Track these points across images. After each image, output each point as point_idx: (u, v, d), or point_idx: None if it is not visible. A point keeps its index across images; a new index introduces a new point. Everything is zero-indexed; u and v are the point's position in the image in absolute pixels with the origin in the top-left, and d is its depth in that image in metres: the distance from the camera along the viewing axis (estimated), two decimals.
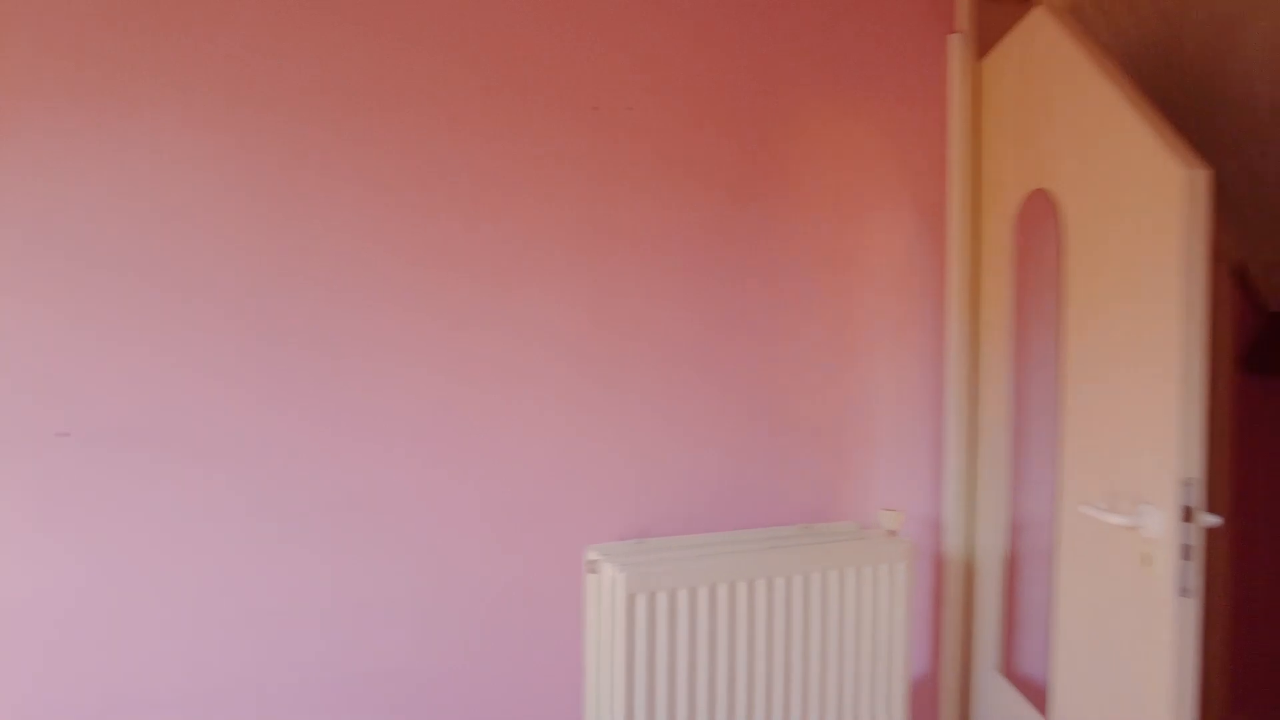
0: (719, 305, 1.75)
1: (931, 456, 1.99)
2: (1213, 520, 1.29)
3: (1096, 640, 1.48)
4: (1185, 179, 1.26)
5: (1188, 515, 1.26)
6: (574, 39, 1.61)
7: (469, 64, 1.53)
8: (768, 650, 1.62)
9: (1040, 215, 1.76)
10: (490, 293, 1.55)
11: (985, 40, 2.11)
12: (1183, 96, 2.15)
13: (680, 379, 1.72)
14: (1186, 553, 1.26)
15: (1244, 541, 2.40)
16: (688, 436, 1.73)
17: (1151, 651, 1.32)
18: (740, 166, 1.76)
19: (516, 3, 1.56)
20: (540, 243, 1.59)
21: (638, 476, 1.69)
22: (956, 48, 1.99)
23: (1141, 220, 1.36)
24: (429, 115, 1.50)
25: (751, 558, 1.59)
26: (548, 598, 1.64)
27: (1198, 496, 1.27)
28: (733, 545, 1.69)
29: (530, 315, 1.58)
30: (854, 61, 1.88)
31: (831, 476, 1.88)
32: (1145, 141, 1.36)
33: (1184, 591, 1.27)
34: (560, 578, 1.65)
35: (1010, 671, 1.88)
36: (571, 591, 1.66)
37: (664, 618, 1.52)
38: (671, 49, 1.69)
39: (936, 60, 1.99)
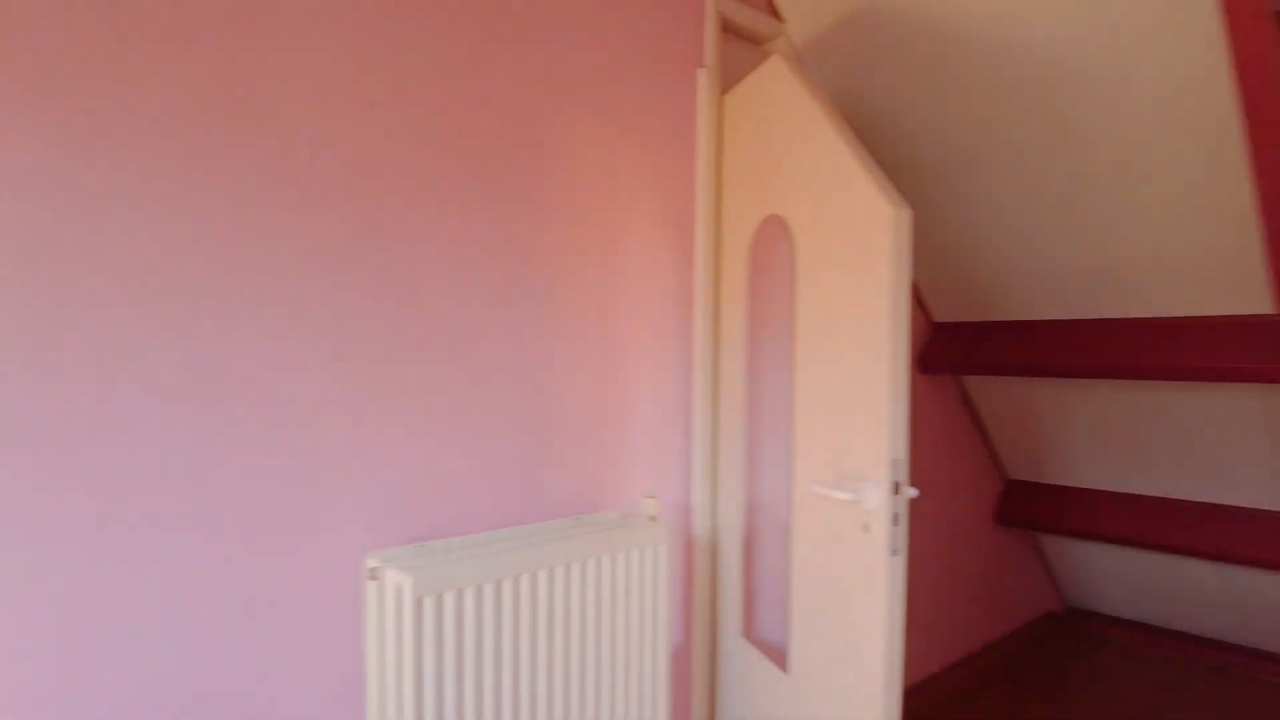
0: (490, 311, 1.80)
1: (683, 448, 2.20)
2: (913, 492, 1.61)
3: (826, 599, 1.76)
4: (894, 216, 1.56)
5: (896, 489, 1.56)
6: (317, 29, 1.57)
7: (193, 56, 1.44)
8: (549, 638, 1.71)
9: (776, 237, 2.04)
10: (254, 290, 1.47)
11: (729, 75, 2.38)
12: (868, 148, 2.59)
13: (453, 384, 1.74)
14: (896, 520, 1.56)
15: (916, 508, 2.94)
16: (462, 440, 1.76)
17: (870, 602, 1.61)
18: (504, 178, 1.82)
19: None
20: (302, 242, 1.53)
21: (413, 482, 1.69)
22: (703, 81, 2.22)
23: (860, 247, 1.65)
24: (145, 109, 1.39)
25: (530, 552, 1.67)
26: (323, 609, 1.59)
27: (903, 473, 1.58)
28: (511, 542, 1.75)
29: (297, 316, 1.52)
30: (615, 84, 2.03)
31: (598, 471, 2.01)
32: (863, 183, 1.65)
33: (894, 551, 1.56)
34: (336, 588, 1.60)
35: (753, 636, 2.14)
36: (349, 601, 1.62)
37: (451, 618, 1.55)
38: (435, 54, 1.72)
39: (688, 91, 2.21)
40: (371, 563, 1.59)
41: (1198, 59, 1.88)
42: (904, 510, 1.58)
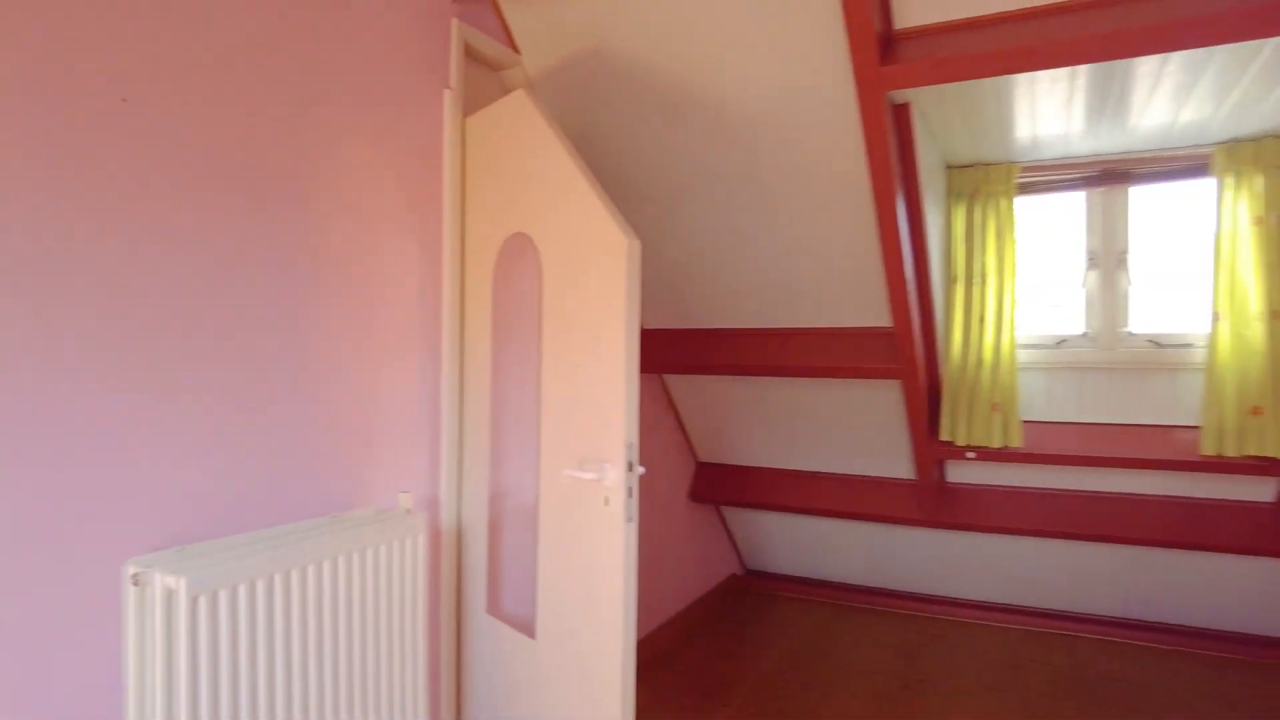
0: (247, 316, 1.84)
1: (434, 446, 2.37)
2: (642, 469, 1.95)
3: (571, 567, 2.05)
4: (628, 246, 1.89)
5: (630, 467, 1.90)
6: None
7: None
8: (318, 629, 1.79)
9: (524, 250, 2.28)
10: None
11: (470, 98, 2.57)
12: (595, 171, 2.94)
13: (207, 387, 1.76)
14: (630, 492, 1.89)
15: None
16: (218, 443, 1.77)
17: (609, 564, 1.93)
18: (260, 183, 1.87)
19: None
20: (47, 242, 1.49)
21: (168, 487, 1.68)
22: (449, 102, 2.40)
23: (599, 267, 1.96)
24: None
25: (294, 549, 1.73)
26: (81, 622, 1.53)
27: (635, 454, 1.91)
28: (272, 541, 1.79)
29: (44, 321, 1.47)
30: (369, 99, 2.14)
31: (355, 469, 2.11)
32: (601, 215, 1.96)
33: (629, 518, 1.89)
34: (94, 599, 1.56)
35: (498, 612, 2.37)
36: (109, 611, 1.58)
37: (226, 616, 1.59)
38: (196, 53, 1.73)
39: (436, 110, 2.38)
40: (132, 569, 1.57)
41: (848, 132, 2.47)
42: (635, 484, 1.91)
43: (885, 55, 2.20)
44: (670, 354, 3.48)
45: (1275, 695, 3.04)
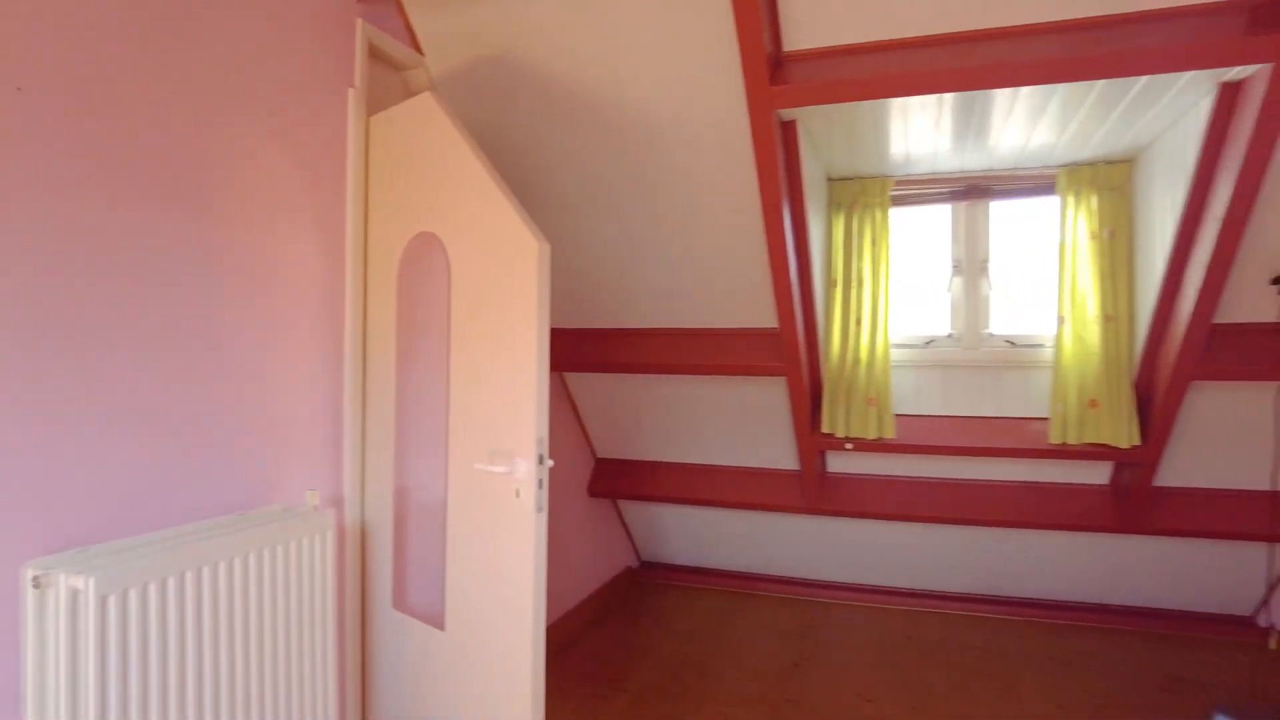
0: (152, 313, 1.82)
1: (341, 444, 2.38)
2: (551, 462, 2.05)
3: (481, 558, 2.12)
4: (539, 249, 1.98)
5: (541, 460, 1.99)
6: None
7: None
8: (229, 629, 1.80)
9: (430, 249, 2.33)
10: None
11: (373, 97, 2.59)
12: (502, 174, 3.00)
13: (108, 386, 1.74)
14: (541, 484, 1.98)
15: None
16: (121, 441, 1.74)
17: (520, 554, 2.01)
18: (165, 180, 1.86)
19: None
20: None
21: (70, 487, 1.65)
22: (353, 101, 2.42)
23: (509, 269, 2.04)
24: None
25: (202, 546, 1.73)
26: None
27: (545, 448, 2.00)
28: (179, 540, 1.78)
29: None
30: (273, 95, 2.14)
31: (261, 468, 2.11)
32: (512, 218, 2.04)
33: (540, 509, 1.98)
34: None
35: (405, 606, 2.40)
36: (7, 614, 1.54)
37: (136, 615, 1.58)
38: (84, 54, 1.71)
39: (340, 109, 2.39)
40: (32, 571, 1.54)
41: (739, 145, 2.64)
42: (546, 476, 2.01)
43: (775, 76, 2.37)
44: (571, 353, 3.58)
45: (1107, 653, 3.43)
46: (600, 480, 4.14)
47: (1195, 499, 3.29)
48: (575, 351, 3.57)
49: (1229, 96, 2.34)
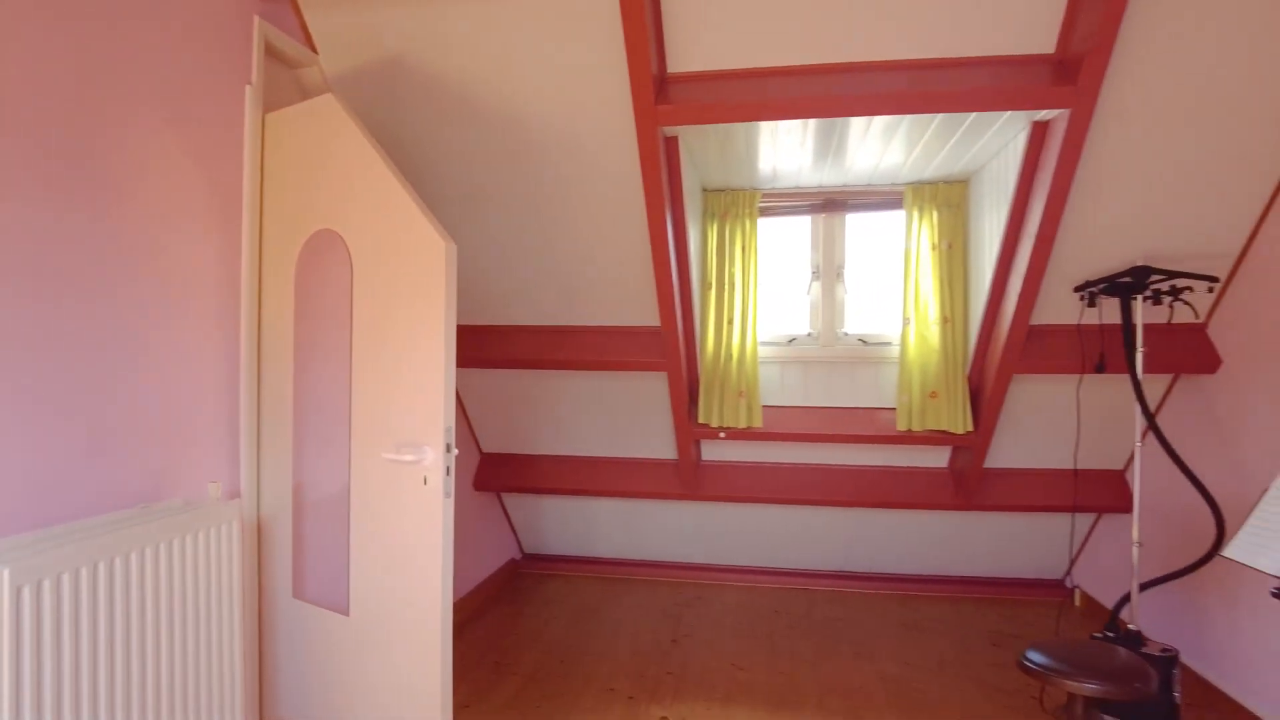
0: (49, 304, 1.82)
1: (240, 438, 2.40)
2: (456, 451, 2.17)
3: (388, 544, 2.22)
4: (445, 248, 2.11)
5: (449, 448, 2.11)
6: None
7: None
8: (140, 620, 1.83)
9: (331, 246, 2.39)
10: None
11: (267, 94, 2.62)
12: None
13: (10, 380, 1.74)
14: (448, 471, 2.11)
15: None
16: (19, 436, 1.74)
17: (429, 539, 2.13)
18: (60, 174, 1.87)
19: None
20: None
21: None
22: (250, 97, 2.45)
23: (417, 266, 2.15)
24: None
25: (108, 538, 1.75)
26: None
27: (452, 437, 2.13)
28: (84, 533, 1.79)
29: None
30: (170, 90, 2.16)
31: (162, 460, 2.12)
32: (418, 218, 2.15)
33: (447, 494, 2.11)
34: None
35: (306, 594, 2.45)
36: None
37: (50, 606, 1.60)
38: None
39: (237, 105, 2.41)
40: None
41: (626, 157, 2.84)
42: (452, 464, 2.13)
43: (660, 96, 2.59)
44: (461, 349, 3.68)
45: (946, 618, 3.88)
46: (486, 474, 4.25)
47: (1017, 478, 3.79)
48: (463, 348, 3.67)
49: (1040, 133, 2.75)
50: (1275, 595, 2.08)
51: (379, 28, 2.66)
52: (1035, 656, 2.23)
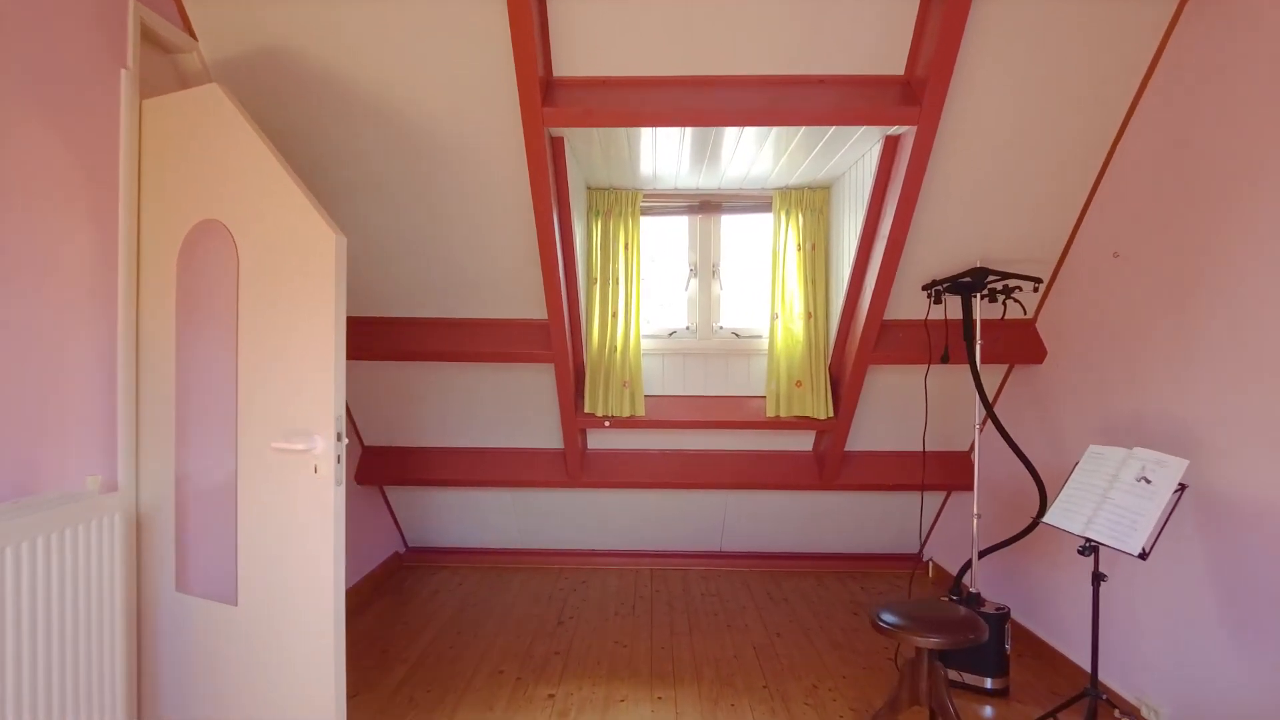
0: None
1: (119, 429, 2.36)
2: (346, 440, 2.23)
3: (279, 533, 2.25)
4: (335, 241, 2.16)
5: (340, 437, 2.17)
6: None
7: None
8: (15, 615, 1.81)
9: (216, 235, 2.39)
10: None
11: (145, 80, 2.57)
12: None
13: None
14: (339, 459, 2.17)
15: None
16: None
17: (320, 526, 2.18)
18: None
19: None
20: None
21: None
22: (126, 82, 2.40)
23: (307, 259, 2.19)
24: None
25: None
26: None
27: (343, 426, 2.19)
28: None
29: None
30: (41, 72, 2.11)
31: (36, 453, 2.08)
32: (307, 210, 2.19)
33: (338, 482, 2.17)
34: None
35: (190, 587, 2.44)
36: None
37: None
38: None
39: (113, 90, 2.37)
40: None
41: (514, 156, 2.95)
42: (343, 452, 2.19)
43: (546, 98, 2.71)
44: (347, 341, 3.67)
45: (810, 590, 4.20)
46: (368, 468, 4.24)
47: (874, 460, 4.14)
48: (349, 340, 3.67)
49: (891, 147, 3.05)
50: (1081, 552, 2.44)
51: (260, 15, 2.65)
52: (886, 616, 2.50)
